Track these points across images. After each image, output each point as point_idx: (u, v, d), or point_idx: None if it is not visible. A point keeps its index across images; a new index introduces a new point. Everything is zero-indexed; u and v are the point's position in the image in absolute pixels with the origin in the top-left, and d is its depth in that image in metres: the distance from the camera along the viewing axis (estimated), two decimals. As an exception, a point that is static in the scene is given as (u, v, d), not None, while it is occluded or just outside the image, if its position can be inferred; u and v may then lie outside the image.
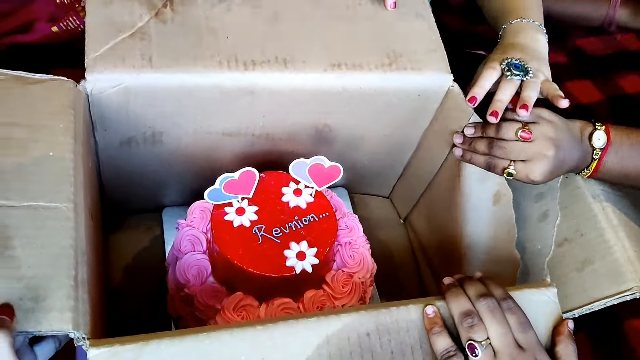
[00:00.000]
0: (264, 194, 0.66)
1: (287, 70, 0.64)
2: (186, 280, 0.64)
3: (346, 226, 0.70)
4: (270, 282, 0.61)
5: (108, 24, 0.62)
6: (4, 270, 0.46)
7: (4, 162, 0.51)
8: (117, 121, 0.64)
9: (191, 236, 0.66)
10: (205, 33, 0.64)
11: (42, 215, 0.49)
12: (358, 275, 0.67)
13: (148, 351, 0.46)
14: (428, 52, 0.69)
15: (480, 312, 0.53)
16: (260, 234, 0.63)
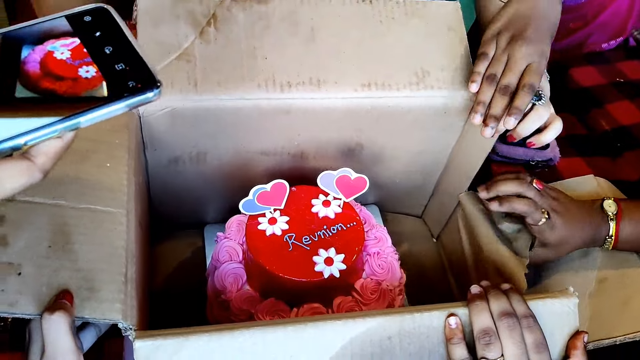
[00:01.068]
0: (295, 205, 0.71)
1: (320, 91, 0.69)
2: (223, 287, 0.69)
3: (375, 237, 0.74)
4: (300, 287, 0.65)
5: (157, 44, 0.67)
6: (65, 262, 0.52)
7: (67, 168, 0.57)
8: (165, 141, 0.71)
9: (228, 247, 0.72)
10: (245, 55, 0.69)
11: (98, 218, 0.55)
12: (386, 283, 0.71)
13: (188, 345, 0.51)
14: (455, 69, 0.72)
15: (500, 330, 0.55)
16: (291, 241, 0.68)
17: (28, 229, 0.52)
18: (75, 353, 0.49)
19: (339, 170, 0.71)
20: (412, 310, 0.56)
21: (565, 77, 1.19)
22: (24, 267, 0.50)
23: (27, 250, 0.51)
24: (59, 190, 0.55)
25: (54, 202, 0.54)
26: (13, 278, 0.49)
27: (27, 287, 0.49)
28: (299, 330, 0.53)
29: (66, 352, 0.48)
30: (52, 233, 0.53)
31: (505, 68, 0.68)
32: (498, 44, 0.70)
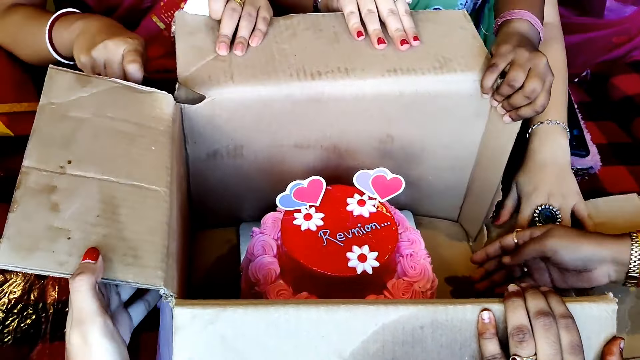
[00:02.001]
0: (330, 203, 0.73)
1: (349, 78, 0.73)
2: (257, 279, 0.71)
3: (408, 239, 0.75)
4: (333, 282, 0.66)
5: (194, 49, 0.74)
6: (112, 230, 0.55)
7: (116, 148, 0.61)
8: (204, 134, 0.74)
9: (263, 242, 0.74)
10: (276, 54, 0.75)
11: (143, 194, 0.58)
12: (418, 284, 0.71)
13: (224, 317, 0.52)
14: (474, 56, 0.77)
15: (535, 329, 0.55)
16: (325, 237, 0.69)
17: (78, 199, 0.56)
18: (99, 315, 0.50)
19: (376, 170, 0.73)
20: (445, 302, 0.56)
21: (607, 86, 1.19)
22: (73, 232, 0.53)
23: (77, 217, 0.54)
24: (108, 167, 0.59)
25: (103, 178, 0.58)
26: (63, 241, 0.53)
27: (75, 249, 0.52)
28: (332, 311, 0.54)
29: (89, 313, 0.50)
30: (101, 203, 0.56)
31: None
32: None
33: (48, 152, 0.58)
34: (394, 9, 0.77)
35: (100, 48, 0.72)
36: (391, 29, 0.77)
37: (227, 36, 0.75)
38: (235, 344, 0.53)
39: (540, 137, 0.88)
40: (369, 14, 0.77)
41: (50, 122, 0.61)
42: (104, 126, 0.62)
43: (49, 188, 0.55)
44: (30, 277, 0.80)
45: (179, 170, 0.69)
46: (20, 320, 0.77)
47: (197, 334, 0.52)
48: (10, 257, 0.51)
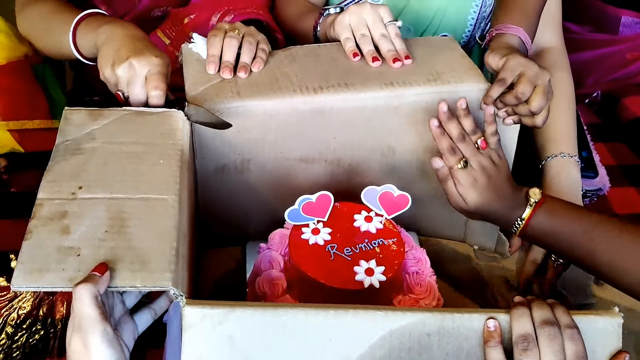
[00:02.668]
0: (338, 218, 0.74)
1: (349, 91, 0.78)
2: (263, 293, 0.71)
3: (414, 257, 0.76)
4: (340, 295, 0.67)
5: (201, 74, 0.79)
6: (120, 242, 0.57)
7: (125, 169, 0.64)
8: (213, 148, 0.77)
9: (270, 257, 0.75)
10: (279, 75, 0.80)
11: (151, 204, 0.61)
12: (425, 302, 0.72)
13: (232, 317, 0.53)
14: (465, 70, 0.82)
15: (540, 338, 0.55)
16: (333, 251, 0.70)
17: (87, 219, 0.59)
18: (99, 322, 0.51)
19: (383, 187, 0.75)
20: (452, 311, 0.57)
21: (617, 107, 1.21)
22: (83, 249, 0.56)
23: (86, 236, 0.57)
24: (117, 186, 0.62)
25: (112, 196, 0.61)
26: (72, 259, 0.56)
27: (84, 265, 0.55)
28: (340, 315, 0.55)
29: (89, 320, 0.51)
30: (109, 220, 0.59)
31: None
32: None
33: (60, 183, 0.62)
34: (385, 33, 0.83)
35: (125, 67, 0.72)
36: (383, 50, 0.83)
37: (229, 62, 0.79)
38: (243, 345, 0.54)
39: (555, 170, 0.92)
40: (362, 37, 0.83)
41: (63, 158, 0.65)
42: (114, 151, 0.66)
43: (60, 214, 0.59)
44: (40, 293, 0.81)
45: (189, 181, 0.71)
46: (29, 336, 0.78)
47: (206, 333, 0.53)
48: (23, 279, 0.54)
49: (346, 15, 0.85)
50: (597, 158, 1.04)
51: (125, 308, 0.60)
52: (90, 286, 0.52)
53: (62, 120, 0.70)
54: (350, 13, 0.84)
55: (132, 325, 0.59)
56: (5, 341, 0.78)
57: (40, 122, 1.09)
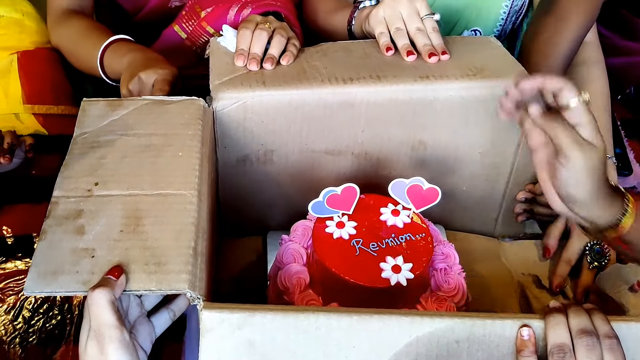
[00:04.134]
0: (364, 211, 0.71)
1: (381, 83, 0.73)
2: (286, 288, 0.69)
3: (442, 253, 0.73)
4: (365, 293, 0.64)
5: (227, 65, 0.76)
6: (135, 242, 0.55)
7: (142, 162, 0.62)
8: (236, 138, 0.74)
9: (293, 250, 0.72)
10: (307, 67, 0.76)
11: (169, 201, 0.58)
12: (453, 300, 0.68)
13: (252, 322, 0.51)
14: (507, 66, 0.77)
15: (577, 348, 0.52)
16: (358, 246, 0.67)
17: (103, 218, 0.57)
18: (117, 327, 0.50)
19: (412, 179, 0.71)
20: (483, 317, 0.54)
21: None
22: (97, 251, 0.55)
23: (101, 236, 0.56)
24: (134, 182, 0.60)
25: (128, 193, 0.59)
26: (87, 261, 0.54)
27: (98, 267, 0.53)
28: (364, 321, 0.52)
29: (107, 326, 0.50)
30: (124, 219, 0.57)
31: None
32: None
33: (77, 179, 0.60)
34: (421, 27, 0.79)
35: (135, 81, 0.79)
36: (419, 44, 0.78)
37: (257, 54, 0.77)
38: (264, 350, 0.52)
39: None
40: (397, 31, 0.79)
41: (80, 152, 0.63)
42: (132, 144, 0.64)
43: (75, 213, 0.57)
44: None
45: (210, 172, 0.68)
46: (46, 321, 0.78)
47: (224, 338, 0.51)
48: (37, 284, 0.52)
49: (380, 9, 0.80)
50: (631, 155, 1.01)
51: (143, 310, 0.58)
52: (106, 291, 0.50)
53: (80, 112, 0.68)
54: (384, 6, 0.80)
55: (150, 327, 0.58)
56: (22, 325, 0.78)
57: (65, 108, 1.10)
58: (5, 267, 0.85)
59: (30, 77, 1.06)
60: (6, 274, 0.84)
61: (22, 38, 1.09)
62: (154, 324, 0.58)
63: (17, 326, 0.77)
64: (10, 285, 0.83)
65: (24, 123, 1.05)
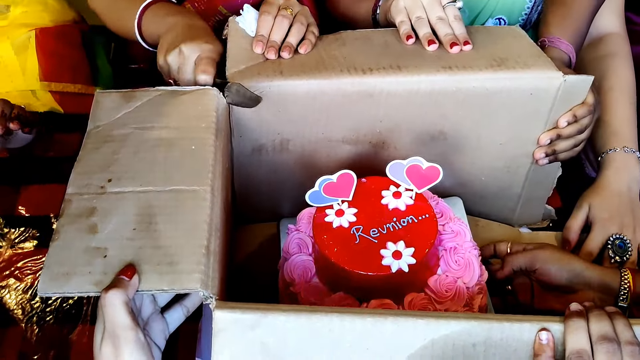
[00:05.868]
0: (364, 197, 0.68)
1: (402, 74, 0.71)
2: (292, 279, 0.68)
3: (452, 231, 0.70)
4: (368, 281, 0.62)
5: (245, 51, 0.73)
6: (148, 241, 0.54)
7: (156, 157, 0.61)
8: (251, 128, 0.72)
9: (298, 239, 0.71)
10: (326, 57, 0.74)
11: (182, 197, 0.57)
12: (463, 280, 0.66)
13: (265, 322, 0.50)
14: (532, 56, 0.73)
15: (597, 354, 0.50)
16: (358, 234, 0.65)
17: (115, 216, 0.56)
18: (132, 329, 0.49)
19: (409, 160, 0.68)
20: (501, 319, 0.52)
21: None
22: (110, 250, 0.53)
23: (114, 235, 0.54)
24: (148, 178, 0.59)
25: (141, 189, 0.58)
26: (99, 261, 0.53)
27: (110, 267, 0.52)
28: (378, 323, 0.51)
29: (122, 327, 0.49)
30: (137, 216, 0.56)
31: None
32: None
33: (90, 176, 0.59)
34: (442, 16, 0.76)
35: (175, 53, 0.70)
36: (441, 34, 0.75)
37: (276, 42, 0.73)
38: (277, 352, 0.51)
39: (616, 165, 0.86)
40: (418, 20, 0.76)
41: (94, 147, 0.62)
42: (145, 138, 0.62)
43: (88, 211, 0.56)
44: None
45: (225, 163, 0.67)
46: (63, 300, 0.78)
47: (237, 338, 0.50)
48: (49, 285, 0.52)
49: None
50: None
51: (157, 307, 0.57)
52: (120, 292, 0.49)
53: (94, 104, 0.66)
54: None
55: (163, 324, 0.57)
56: (39, 304, 0.78)
57: (82, 87, 1.10)
58: (23, 247, 0.86)
59: (48, 55, 1.06)
60: (24, 253, 0.85)
61: (43, 16, 1.08)
62: (167, 321, 0.57)
63: (35, 305, 0.78)
64: (27, 264, 0.84)
65: (40, 100, 1.06)
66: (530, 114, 0.74)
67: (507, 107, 0.73)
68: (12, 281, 0.81)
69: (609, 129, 0.88)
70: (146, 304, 0.56)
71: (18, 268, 0.83)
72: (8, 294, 0.80)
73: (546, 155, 0.77)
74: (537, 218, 0.89)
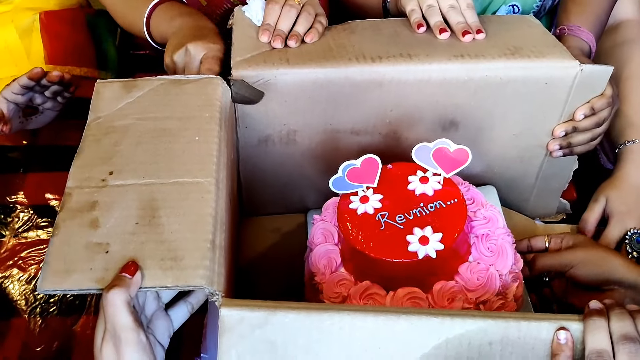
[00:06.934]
0: (390, 182, 0.65)
1: (413, 62, 0.68)
2: (317, 269, 0.65)
3: (484, 217, 0.66)
4: (394, 268, 0.60)
5: (250, 40, 0.71)
6: (151, 235, 0.51)
7: (158, 149, 0.58)
8: (257, 118, 0.70)
9: (323, 229, 0.68)
10: (334, 46, 0.71)
11: (186, 190, 0.54)
12: (496, 267, 0.63)
13: (273, 321, 0.48)
14: (548, 45, 0.71)
15: (618, 355, 0.48)
16: (384, 220, 0.62)
17: (118, 210, 0.53)
18: (133, 329, 0.48)
19: (436, 142, 0.64)
20: (518, 317, 0.50)
21: None
22: (112, 245, 0.51)
23: (116, 229, 0.52)
24: (150, 170, 0.56)
25: (143, 182, 0.55)
26: (101, 256, 0.51)
27: (112, 263, 0.50)
28: (391, 321, 0.49)
29: (123, 328, 0.47)
30: (140, 210, 0.53)
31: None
32: None
33: (91, 168, 0.57)
34: (454, 4, 0.73)
35: (181, 52, 0.71)
36: (452, 22, 0.72)
37: (283, 31, 0.71)
38: (285, 351, 0.49)
39: (635, 158, 0.83)
40: (429, 9, 0.74)
41: (94, 139, 0.59)
42: (147, 129, 0.60)
43: (89, 204, 0.54)
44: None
45: (230, 155, 0.64)
46: (67, 291, 0.76)
47: (244, 337, 0.48)
48: (50, 282, 0.50)
49: None
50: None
51: (160, 304, 0.55)
52: (122, 292, 0.47)
53: (94, 94, 0.64)
54: None
55: (167, 321, 0.55)
56: (43, 296, 0.76)
57: (88, 71, 1.07)
58: (27, 236, 0.84)
59: (53, 38, 1.03)
60: (28, 243, 0.83)
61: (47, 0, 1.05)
62: (171, 318, 0.55)
63: (38, 297, 0.76)
64: (31, 254, 0.82)
65: (45, 84, 1.03)
66: (545, 104, 0.72)
67: (521, 97, 0.71)
68: (16, 271, 0.79)
69: (627, 120, 0.85)
70: (150, 301, 0.54)
71: (22, 258, 0.81)
72: (11, 284, 0.78)
73: (560, 147, 0.74)
74: (552, 211, 0.86)
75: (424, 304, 0.60)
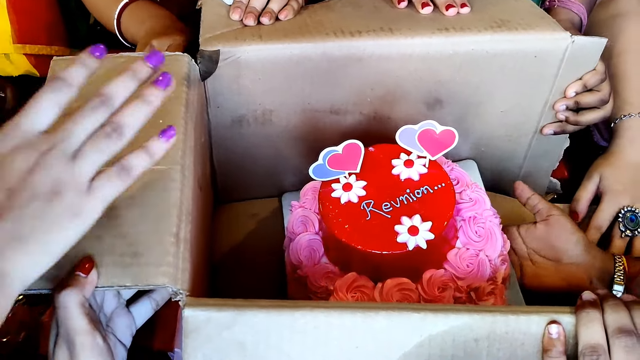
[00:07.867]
0: (373, 167, 0.62)
1: (394, 36, 0.64)
2: (299, 261, 0.62)
3: (470, 199, 0.63)
4: (383, 260, 0.56)
5: (220, 17, 0.67)
6: (108, 229, 0.46)
7: None
8: (229, 98, 0.65)
9: (303, 217, 0.64)
10: (311, 22, 0.67)
11: (147, 178, 0.49)
12: (485, 253, 0.60)
13: (242, 321, 0.44)
14: (536, 18, 0.67)
15: (613, 349, 0.45)
16: (369, 209, 0.58)
17: None
18: (88, 333, 0.44)
19: (422, 124, 0.61)
20: (505, 311, 0.46)
21: None
22: None
23: None
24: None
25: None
26: None
27: (66, 260, 0.43)
28: (369, 319, 0.45)
29: (77, 332, 0.43)
30: None
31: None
32: None
33: None
34: None
35: (147, 49, 0.73)
36: None
37: (255, 8, 0.67)
38: (255, 352, 0.45)
39: (631, 133, 0.79)
40: None
41: None
42: None
43: None
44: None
45: (199, 137, 0.60)
46: (34, 281, 0.73)
47: (211, 339, 0.45)
48: None
49: None
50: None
51: (121, 300, 0.51)
52: (75, 293, 0.43)
53: (50, 72, 0.58)
54: None
55: (129, 319, 0.51)
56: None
57: (58, 49, 1.02)
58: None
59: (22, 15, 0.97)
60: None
61: (15, -25, 0.99)
62: (134, 315, 0.51)
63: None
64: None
65: (14, 64, 0.97)
66: (534, 79, 0.68)
67: (509, 72, 0.67)
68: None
69: (622, 95, 0.81)
70: (109, 298, 0.50)
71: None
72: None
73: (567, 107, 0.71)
74: (541, 191, 0.83)
75: (414, 294, 0.57)
